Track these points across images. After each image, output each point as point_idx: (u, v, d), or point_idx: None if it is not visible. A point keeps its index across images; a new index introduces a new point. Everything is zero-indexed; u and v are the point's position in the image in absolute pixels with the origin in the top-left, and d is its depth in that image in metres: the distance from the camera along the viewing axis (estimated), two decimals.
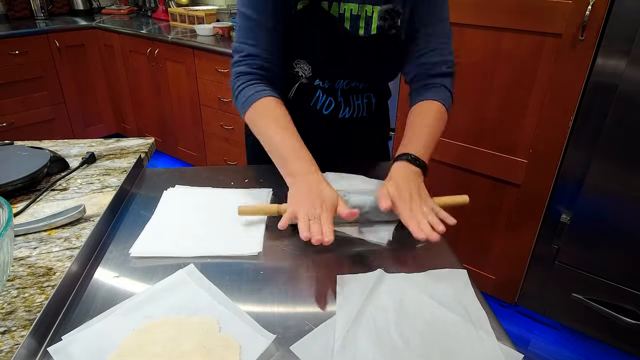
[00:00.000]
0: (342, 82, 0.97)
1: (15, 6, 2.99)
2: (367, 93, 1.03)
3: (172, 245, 0.75)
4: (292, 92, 0.99)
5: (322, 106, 1.00)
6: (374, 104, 1.05)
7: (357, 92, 1.01)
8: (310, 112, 1.00)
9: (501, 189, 1.67)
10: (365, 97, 1.03)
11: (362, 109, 1.04)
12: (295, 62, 0.94)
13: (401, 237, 0.79)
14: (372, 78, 1.00)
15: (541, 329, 1.78)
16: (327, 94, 0.99)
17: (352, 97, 1.01)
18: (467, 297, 0.65)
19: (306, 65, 0.94)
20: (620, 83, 1.30)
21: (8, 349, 0.54)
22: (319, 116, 1.01)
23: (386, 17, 0.87)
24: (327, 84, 0.97)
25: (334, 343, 0.56)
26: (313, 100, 0.99)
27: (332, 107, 1.00)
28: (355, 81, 0.98)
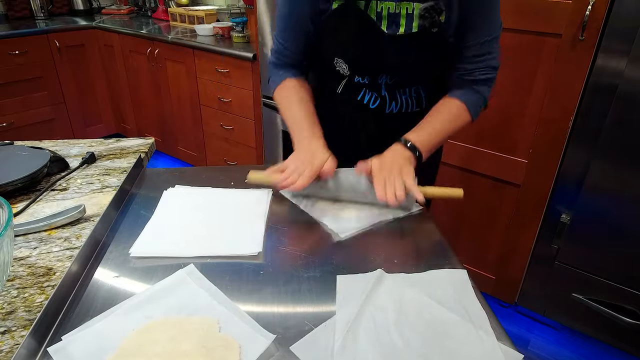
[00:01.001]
0: (385, 77, 0.96)
1: (15, 6, 2.99)
2: (414, 87, 0.99)
3: (172, 245, 0.75)
4: (341, 87, 1.00)
5: (369, 101, 0.99)
6: (425, 97, 1.01)
7: (403, 87, 0.98)
8: (358, 107, 1.00)
9: (501, 189, 1.67)
10: (414, 92, 0.99)
11: (412, 104, 1.00)
12: (335, 61, 0.95)
13: (401, 238, 0.80)
14: (416, 74, 0.97)
15: (541, 329, 1.78)
16: (370, 89, 0.98)
17: (398, 91, 0.98)
18: (467, 297, 0.65)
19: (344, 64, 0.95)
20: (620, 83, 1.30)
21: (8, 349, 0.54)
22: (366, 111, 1.00)
23: (427, 15, 0.85)
24: (367, 79, 0.96)
25: (334, 343, 0.56)
26: (359, 96, 0.99)
27: (378, 102, 0.99)
28: (400, 77, 0.96)
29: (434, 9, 0.84)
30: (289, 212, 0.86)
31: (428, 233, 0.81)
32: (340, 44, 0.93)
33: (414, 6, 0.86)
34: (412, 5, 0.86)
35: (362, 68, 0.95)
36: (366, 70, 0.95)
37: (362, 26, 0.88)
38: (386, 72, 0.95)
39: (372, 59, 0.92)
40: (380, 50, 0.90)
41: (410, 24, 0.87)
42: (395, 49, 0.90)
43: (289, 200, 0.89)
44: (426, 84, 1.01)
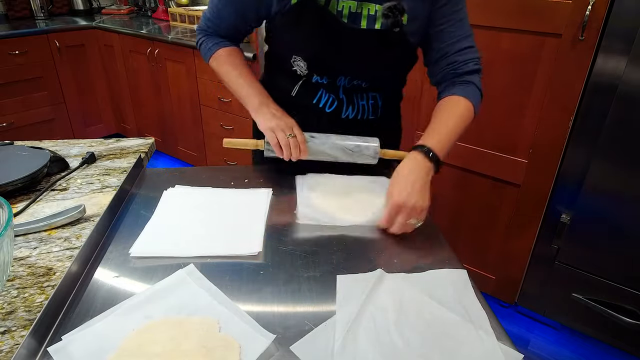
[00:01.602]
0: (344, 79, 0.95)
1: (15, 6, 2.99)
2: (372, 93, 1.00)
3: (172, 245, 0.75)
4: (295, 90, 0.99)
5: (325, 104, 0.99)
6: (381, 106, 1.03)
7: (361, 92, 0.99)
8: (313, 110, 1.00)
9: (501, 189, 1.67)
10: (371, 98, 1.01)
11: (368, 111, 1.01)
12: (292, 60, 0.94)
13: (401, 238, 0.80)
14: (375, 76, 0.97)
15: (541, 329, 1.78)
16: (328, 91, 0.98)
17: (355, 96, 0.99)
18: (467, 297, 0.65)
19: (302, 62, 0.94)
20: (620, 83, 1.30)
21: (8, 349, 0.54)
22: (322, 115, 1.00)
23: (389, 14, 0.85)
24: (325, 79, 0.96)
25: (334, 343, 0.56)
26: (316, 98, 0.99)
27: (335, 105, 0.99)
28: (358, 79, 0.96)
29: (397, 8, 0.84)
30: (289, 212, 0.86)
31: (428, 233, 0.81)
32: (299, 40, 0.92)
33: (376, 8, 0.87)
34: (374, 7, 0.87)
35: (322, 66, 0.94)
36: (325, 69, 0.94)
37: (322, 21, 0.87)
38: (345, 72, 0.94)
39: (332, 55, 0.91)
40: (340, 46, 0.89)
41: (372, 24, 0.88)
42: (355, 46, 0.89)
43: (288, 200, 0.89)
44: (384, 92, 1.02)
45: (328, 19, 0.86)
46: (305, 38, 0.90)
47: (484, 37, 1.51)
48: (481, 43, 1.51)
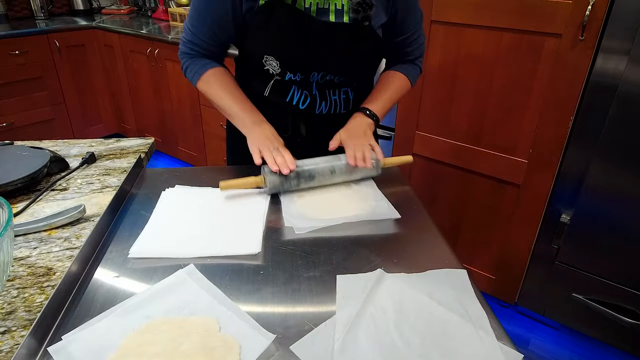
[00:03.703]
0: (317, 75, 0.96)
1: (15, 6, 2.99)
2: (344, 88, 1.02)
3: (172, 245, 0.75)
4: (268, 90, 1.00)
5: (298, 102, 0.99)
6: (352, 100, 1.05)
7: (334, 87, 1.00)
8: (286, 109, 1.00)
9: (501, 189, 1.67)
10: (343, 93, 1.02)
11: (340, 105, 1.03)
12: (264, 60, 0.95)
13: (401, 238, 0.80)
14: (347, 71, 0.99)
15: (541, 329, 1.78)
16: (301, 88, 0.98)
17: (328, 91, 1.00)
18: (467, 297, 0.65)
19: (274, 62, 0.94)
20: (620, 83, 1.30)
21: (8, 348, 0.54)
22: (296, 113, 1.01)
23: (359, 9, 0.87)
24: (299, 76, 0.96)
25: (334, 343, 0.56)
26: (289, 97, 0.99)
27: (308, 102, 1.00)
28: (330, 74, 0.97)
29: (366, 2, 0.86)
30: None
31: (428, 233, 0.81)
32: (270, 40, 0.92)
33: (343, 2, 0.88)
34: (340, 1, 0.88)
35: (295, 64, 0.94)
36: (298, 66, 0.95)
37: (292, 18, 0.88)
38: (318, 68, 0.95)
39: (304, 52, 0.92)
40: (312, 42, 0.90)
41: (341, 18, 0.89)
42: (327, 40, 0.90)
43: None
44: (355, 86, 1.04)
45: (298, 16, 0.87)
46: (277, 37, 0.91)
47: (484, 37, 1.51)
48: (481, 43, 1.52)
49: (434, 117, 1.73)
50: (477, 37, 1.52)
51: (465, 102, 1.63)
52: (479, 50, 1.53)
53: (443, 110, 1.69)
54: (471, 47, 1.55)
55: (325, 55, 0.93)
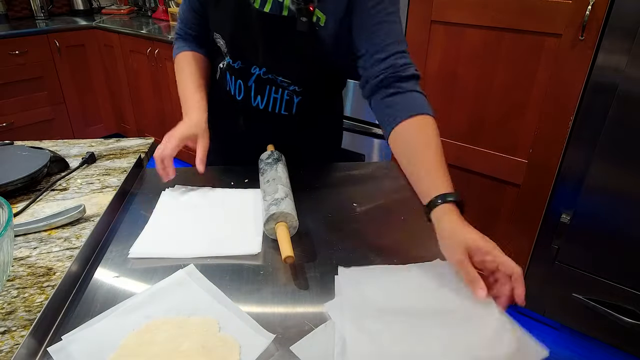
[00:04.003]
0: (259, 69, 0.94)
1: (15, 6, 2.99)
2: (288, 90, 0.97)
3: (172, 245, 0.75)
4: (217, 74, 1.02)
5: (235, 92, 0.99)
6: (297, 104, 0.99)
7: (276, 86, 0.96)
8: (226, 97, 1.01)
9: (501, 189, 1.67)
10: (286, 94, 0.97)
11: (280, 105, 0.98)
12: (215, 36, 0.96)
13: (401, 238, 0.79)
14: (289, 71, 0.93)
15: (541, 329, 1.78)
16: (238, 77, 0.97)
17: (268, 87, 0.97)
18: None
19: (222, 41, 0.95)
20: (621, 83, 1.30)
21: (8, 349, 0.54)
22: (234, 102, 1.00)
23: (296, 1, 0.82)
24: (238, 64, 0.95)
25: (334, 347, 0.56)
26: (228, 86, 1.00)
27: (243, 93, 0.98)
28: (273, 72, 0.93)
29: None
30: None
31: (429, 234, 0.81)
32: (216, 20, 0.94)
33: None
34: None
35: (235, 49, 0.94)
36: (238, 52, 0.94)
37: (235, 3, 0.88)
38: (258, 61, 0.93)
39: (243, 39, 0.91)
40: (250, 31, 0.89)
41: (279, 10, 0.86)
42: (262, 30, 0.89)
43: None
44: (301, 91, 0.97)
45: (240, 1, 0.87)
46: (221, 19, 0.92)
47: (484, 37, 1.51)
48: (481, 43, 1.52)
49: None
50: (477, 37, 1.53)
51: (465, 102, 1.63)
52: (479, 50, 1.53)
53: (443, 111, 1.69)
54: (471, 47, 1.55)
55: (263, 47, 0.90)
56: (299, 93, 0.97)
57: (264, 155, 0.96)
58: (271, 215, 0.74)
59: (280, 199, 0.77)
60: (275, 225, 0.74)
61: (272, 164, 0.90)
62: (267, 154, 0.95)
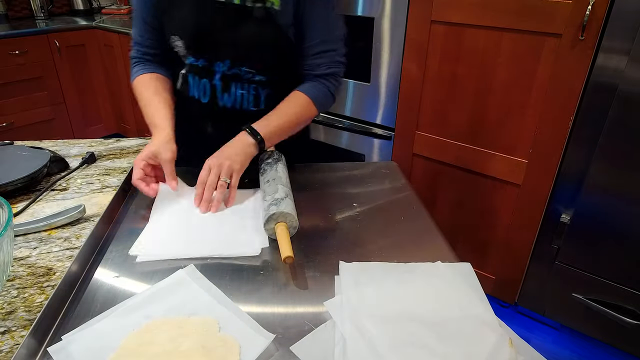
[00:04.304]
0: (222, 64, 0.94)
1: (15, 6, 2.99)
2: (253, 84, 0.97)
3: (172, 246, 0.75)
4: (179, 82, 1.01)
5: (201, 95, 0.98)
6: (264, 98, 0.99)
7: (242, 81, 0.96)
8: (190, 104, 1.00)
9: (501, 189, 1.67)
10: (252, 89, 0.97)
11: (248, 101, 0.98)
12: (171, 40, 0.95)
13: (401, 238, 0.79)
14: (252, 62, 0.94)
15: (541, 329, 1.78)
16: (202, 76, 0.96)
17: (233, 84, 0.97)
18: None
19: (179, 41, 0.94)
20: (620, 83, 1.30)
21: (8, 349, 0.54)
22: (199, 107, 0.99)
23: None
24: (202, 62, 0.94)
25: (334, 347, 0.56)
26: (191, 91, 0.99)
27: (209, 94, 0.97)
28: (237, 65, 0.94)
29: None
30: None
31: (428, 233, 0.81)
32: (171, 16, 0.93)
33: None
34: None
35: (196, 46, 0.93)
36: (200, 49, 0.93)
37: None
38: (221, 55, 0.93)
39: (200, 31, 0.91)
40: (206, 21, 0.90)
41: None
42: (220, 21, 0.90)
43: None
44: (266, 83, 0.98)
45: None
46: (179, 18, 0.92)
47: (484, 37, 1.51)
48: (481, 43, 1.52)
49: (434, 117, 1.72)
50: (477, 37, 1.53)
51: (465, 102, 1.63)
52: (479, 51, 1.53)
53: (443, 110, 1.69)
54: (471, 47, 1.55)
55: (222, 38, 0.91)
56: (265, 84, 0.98)
57: (264, 156, 0.96)
58: (271, 215, 0.74)
59: (280, 199, 0.77)
60: (275, 225, 0.74)
61: (272, 164, 0.90)
62: (267, 154, 0.95)
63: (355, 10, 1.74)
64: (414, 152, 1.82)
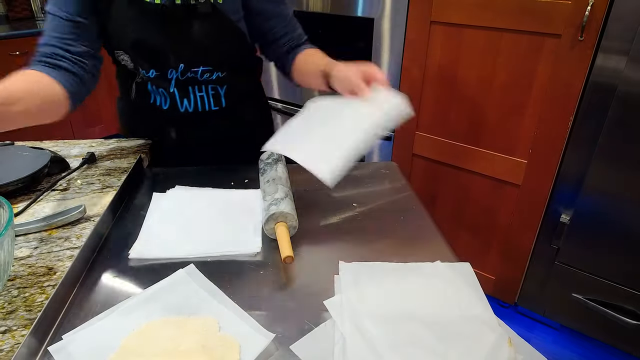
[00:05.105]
0: (174, 71, 0.91)
1: (16, 7, 3.00)
2: (211, 84, 0.96)
3: (172, 245, 0.75)
4: (133, 93, 0.98)
5: (161, 102, 0.96)
6: (224, 95, 0.98)
7: (198, 83, 0.95)
8: (152, 112, 0.98)
9: (501, 189, 1.67)
10: (211, 89, 0.96)
11: (209, 102, 0.97)
12: (116, 55, 0.92)
13: (401, 238, 0.80)
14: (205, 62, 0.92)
15: (541, 329, 1.78)
16: (158, 86, 0.94)
17: (191, 88, 0.95)
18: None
19: (125, 55, 0.92)
20: (620, 83, 1.30)
21: (9, 348, 0.55)
22: (161, 114, 0.97)
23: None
24: (152, 72, 0.92)
25: (334, 346, 0.56)
26: (152, 98, 0.97)
27: (169, 102, 0.95)
28: (191, 68, 0.92)
29: None
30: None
31: (428, 233, 0.81)
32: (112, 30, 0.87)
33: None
34: None
35: (142, 56, 0.90)
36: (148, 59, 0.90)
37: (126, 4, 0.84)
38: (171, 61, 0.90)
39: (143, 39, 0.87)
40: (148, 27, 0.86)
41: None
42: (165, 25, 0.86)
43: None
44: (224, 76, 0.96)
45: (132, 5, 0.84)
46: (116, 25, 0.87)
47: (483, 37, 1.51)
48: (481, 43, 1.52)
49: (434, 118, 1.73)
50: (477, 37, 1.53)
51: (465, 102, 1.63)
52: (479, 51, 1.54)
53: (443, 111, 1.69)
54: (471, 47, 1.55)
55: (169, 43, 0.88)
56: (222, 80, 0.96)
57: (264, 156, 0.96)
58: (271, 215, 0.74)
59: (280, 199, 0.78)
60: (275, 225, 0.74)
61: (272, 164, 0.91)
62: (267, 154, 0.95)
63: (355, 11, 1.75)
64: (414, 152, 1.82)
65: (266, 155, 0.95)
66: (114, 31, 0.88)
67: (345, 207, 0.88)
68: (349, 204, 0.89)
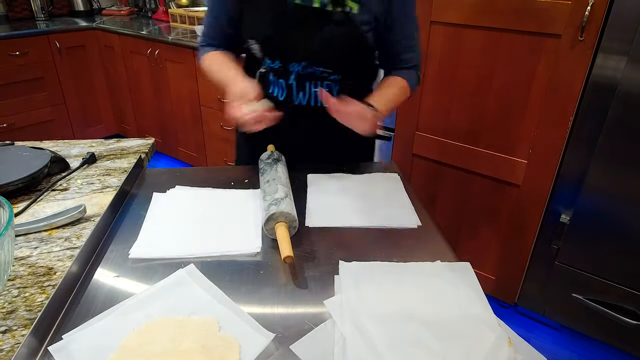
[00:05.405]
0: (297, 65, 0.96)
1: (16, 7, 3.00)
2: (326, 82, 0.99)
3: (172, 245, 0.75)
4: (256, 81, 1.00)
5: (279, 93, 1.00)
6: (337, 93, 1.01)
7: (315, 79, 0.99)
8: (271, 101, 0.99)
9: (501, 189, 1.67)
10: (326, 86, 1.00)
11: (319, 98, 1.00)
12: (248, 44, 0.97)
13: (401, 238, 0.80)
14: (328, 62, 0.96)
15: (541, 329, 1.78)
16: (279, 77, 0.99)
17: (308, 83, 0.99)
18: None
19: (255, 45, 0.96)
20: (620, 83, 1.30)
21: (9, 348, 0.55)
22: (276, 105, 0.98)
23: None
24: (277, 64, 0.97)
25: (334, 346, 0.56)
26: (271, 89, 1.01)
27: (285, 93, 1.00)
28: (312, 65, 0.96)
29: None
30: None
31: (428, 233, 0.82)
32: (249, 21, 0.95)
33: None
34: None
35: (271, 49, 0.95)
36: (275, 51, 0.96)
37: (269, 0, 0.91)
38: (297, 56, 0.95)
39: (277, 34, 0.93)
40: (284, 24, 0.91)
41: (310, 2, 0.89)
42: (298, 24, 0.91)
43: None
44: (339, 81, 1.01)
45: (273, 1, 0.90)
46: (254, 17, 0.93)
47: (483, 37, 1.51)
48: (481, 43, 1.52)
49: (434, 118, 1.73)
50: (476, 38, 1.53)
51: (465, 102, 1.63)
52: (479, 51, 1.54)
53: (443, 111, 1.69)
54: (471, 47, 1.55)
55: (299, 40, 0.93)
56: (338, 81, 1.01)
57: (264, 156, 0.96)
58: (271, 215, 0.74)
59: (280, 199, 0.78)
60: (275, 225, 0.75)
61: (272, 164, 0.91)
62: (267, 154, 0.95)
63: None
64: (414, 152, 1.82)
65: (266, 155, 0.95)
66: (252, 21, 0.95)
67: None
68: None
